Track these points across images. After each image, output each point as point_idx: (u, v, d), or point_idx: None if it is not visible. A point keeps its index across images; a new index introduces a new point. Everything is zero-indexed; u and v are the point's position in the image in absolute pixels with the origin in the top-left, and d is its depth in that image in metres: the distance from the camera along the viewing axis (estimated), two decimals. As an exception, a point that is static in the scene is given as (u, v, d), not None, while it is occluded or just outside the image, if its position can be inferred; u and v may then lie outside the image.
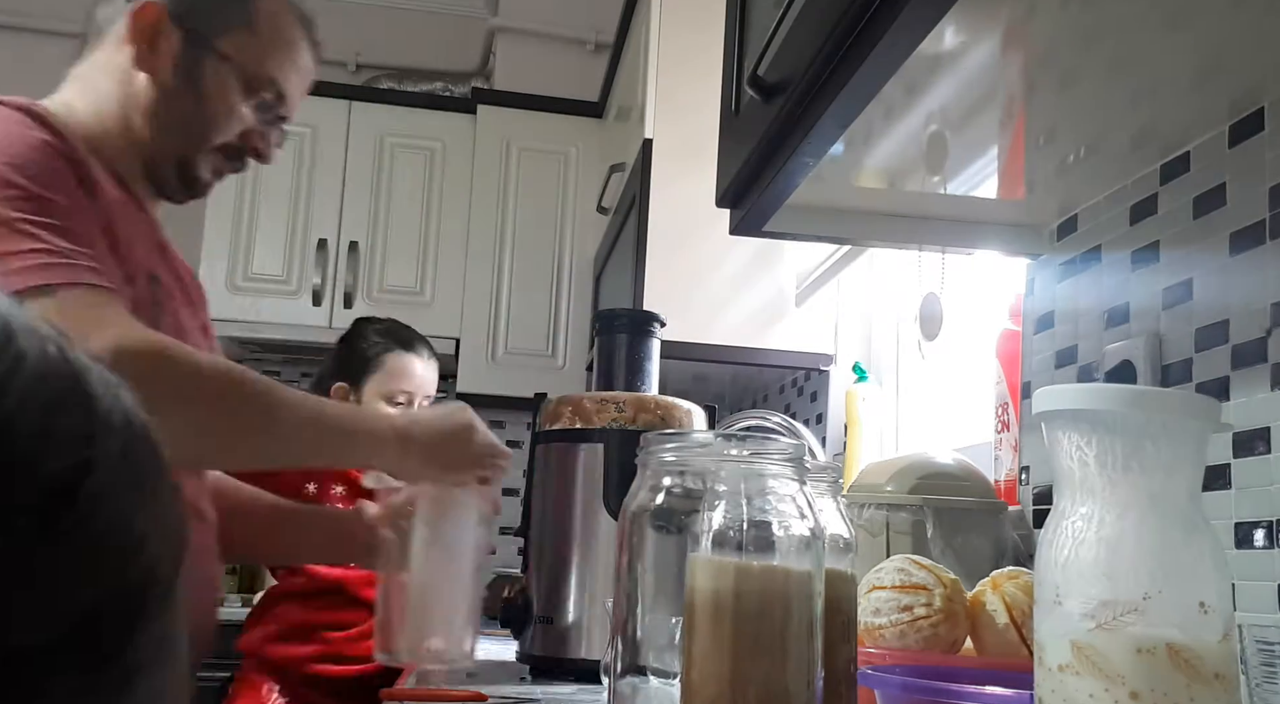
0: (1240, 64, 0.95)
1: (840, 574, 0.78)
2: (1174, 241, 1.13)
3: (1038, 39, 0.94)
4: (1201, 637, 0.55)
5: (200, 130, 1.16)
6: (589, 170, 3.32)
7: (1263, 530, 0.96)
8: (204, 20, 1.15)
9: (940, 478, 1.28)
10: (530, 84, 3.47)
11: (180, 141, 1.16)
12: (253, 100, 1.18)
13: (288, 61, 1.20)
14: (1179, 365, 1.10)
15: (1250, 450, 0.98)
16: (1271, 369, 0.97)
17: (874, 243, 1.57)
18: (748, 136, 1.20)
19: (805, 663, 0.64)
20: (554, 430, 1.43)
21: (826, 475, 0.80)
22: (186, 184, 1.19)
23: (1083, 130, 1.12)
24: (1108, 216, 1.24)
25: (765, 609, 0.63)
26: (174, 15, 1.14)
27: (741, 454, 0.66)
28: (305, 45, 1.22)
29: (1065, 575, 0.58)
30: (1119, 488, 0.57)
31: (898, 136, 1.14)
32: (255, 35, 1.17)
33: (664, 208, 2.30)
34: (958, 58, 0.97)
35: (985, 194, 1.29)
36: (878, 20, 0.85)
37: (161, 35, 1.13)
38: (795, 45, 1.01)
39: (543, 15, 3.66)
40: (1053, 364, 1.34)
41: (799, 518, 0.65)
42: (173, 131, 1.15)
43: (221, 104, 1.16)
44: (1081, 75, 0.99)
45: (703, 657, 0.63)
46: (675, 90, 2.37)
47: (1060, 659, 0.57)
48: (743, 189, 1.30)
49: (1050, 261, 1.36)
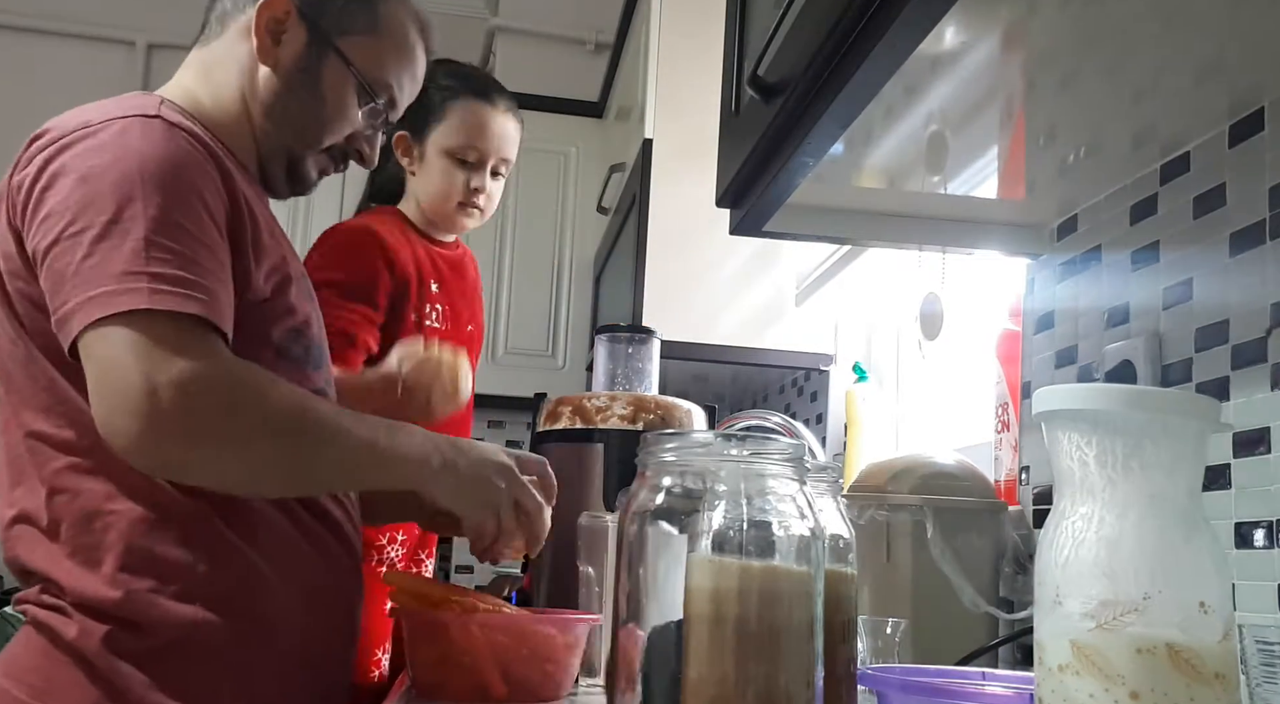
0: (1240, 64, 0.95)
1: (840, 574, 0.78)
2: (1174, 241, 1.13)
3: (1038, 39, 0.94)
4: (1201, 637, 0.55)
5: (314, 129, 1.16)
6: (589, 170, 3.32)
7: (1263, 530, 0.96)
8: (330, 19, 1.15)
9: (940, 478, 1.28)
10: (530, 84, 3.46)
11: (293, 138, 1.16)
12: (367, 105, 1.18)
13: (405, 69, 1.21)
14: (1179, 365, 1.10)
15: (1250, 450, 0.98)
16: (1271, 369, 0.97)
17: (874, 243, 1.57)
18: (748, 136, 1.20)
19: (805, 663, 0.64)
20: (554, 430, 1.43)
21: (826, 475, 0.80)
22: (293, 181, 1.19)
23: (1083, 130, 1.12)
24: (1108, 216, 1.24)
25: (765, 609, 0.63)
26: (301, 11, 1.13)
27: (741, 454, 0.66)
28: (422, 54, 1.23)
29: (1065, 575, 0.58)
30: (1119, 488, 0.57)
31: (898, 136, 1.14)
32: (378, 40, 1.18)
33: (664, 208, 2.30)
34: (958, 58, 0.97)
35: (985, 194, 1.29)
36: (878, 20, 0.85)
37: (287, 30, 1.13)
38: (795, 45, 1.01)
39: (543, 15, 3.66)
40: (1053, 364, 1.34)
41: (799, 518, 0.65)
42: (287, 128, 1.15)
43: (337, 106, 1.16)
44: (1081, 75, 0.99)
45: (702, 657, 0.63)
46: (675, 90, 2.37)
47: (1060, 659, 0.57)
48: (743, 189, 1.30)
49: (1050, 261, 1.36)
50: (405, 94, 1.23)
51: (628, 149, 2.60)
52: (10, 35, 3.94)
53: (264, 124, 1.14)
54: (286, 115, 1.14)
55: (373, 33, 1.17)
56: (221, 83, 1.14)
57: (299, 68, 1.14)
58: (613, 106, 3.10)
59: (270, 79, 1.14)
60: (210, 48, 1.17)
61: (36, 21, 3.95)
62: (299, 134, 1.16)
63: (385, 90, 1.19)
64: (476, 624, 0.98)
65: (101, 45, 3.98)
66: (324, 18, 1.14)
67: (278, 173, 1.18)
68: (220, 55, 1.15)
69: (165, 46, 4.01)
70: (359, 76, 1.16)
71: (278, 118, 1.14)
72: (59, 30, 3.97)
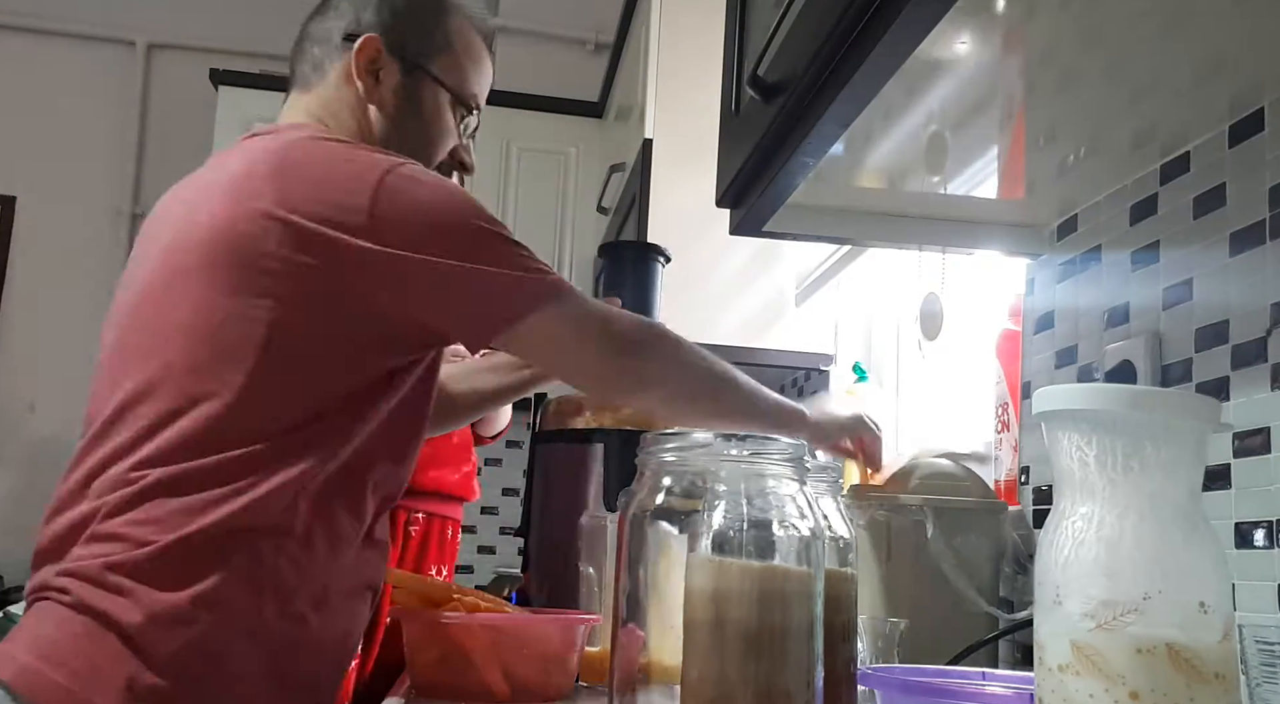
0: (1240, 64, 0.95)
1: (840, 574, 0.78)
2: (1174, 241, 1.13)
3: (1038, 39, 0.94)
4: (1201, 637, 0.55)
5: (426, 153, 1.23)
6: (589, 170, 3.32)
7: (1263, 530, 0.96)
8: (414, 47, 1.21)
9: (940, 478, 1.28)
10: (530, 84, 3.47)
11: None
12: (462, 118, 1.26)
13: (483, 77, 1.28)
14: (1179, 365, 1.10)
15: (1250, 450, 0.98)
16: (1271, 369, 0.97)
17: (874, 243, 1.57)
18: (748, 136, 1.20)
19: (805, 663, 0.64)
20: (554, 430, 1.43)
21: (826, 475, 0.80)
22: None
23: (1083, 130, 1.12)
24: (1108, 216, 1.25)
25: (765, 609, 0.63)
26: (389, 46, 1.20)
27: (741, 454, 0.66)
28: (489, 57, 1.30)
29: (1065, 575, 0.58)
30: (1119, 488, 0.57)
31: (898, 136, 1.14)
32: (455, 56, 1.24)
33: (664, 208, 2.30)
34: (957, 58, 0.97)
35: (985, 194, 1.30)
36: (878, 20, 0.85)
37: (382, 67, 1.20)
38: (795, 45, 1.01)
39: (543, 15, 3.66)
40: (1053, 364, 1.34)
41: (799, 518, 0.65)
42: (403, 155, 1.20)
43: (439, 124, 1.23)
44: (1081, 75, 0.99)
45: (702, 657, 0.63)
46: (675, 90, 2.37)
47: (1060, 659, 0.57)
48: (743, 189, 1.30)
49: (1050, 261, 1.36)
50: (484, 97, 1.30)
51: (628, 149, 2.60)
52: (10, 35, 3.94)
53: None
54: (403, 144, 1.20)
55: (449, 50, 1.24)
56: (341, 125, 1.20)
57: (401, 99, 1.21)
58: (613, 106, 3.10)
59: (380, 116, 1.20)
60: (315, 93, 1.22)
61: (36, 21, 3.95)
62: (414, 157, 1.20)
63: (473, 98, 1.27)
64: (477, 624, 0.98)
65: (101, 45, 3.98)
66: (409, 47, 1.21)
67: None
68: (329, 99, 1.21)
69: (165, 46, 4.01)
70: (452, 92, 1.23)
71: (395, 147, 1.19)
72: (59, 30, 3.97)
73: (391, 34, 1.20)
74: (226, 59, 3.64)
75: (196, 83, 3.53)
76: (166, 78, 3.98)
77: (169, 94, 3.93)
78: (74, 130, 3.90)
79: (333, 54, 1.21)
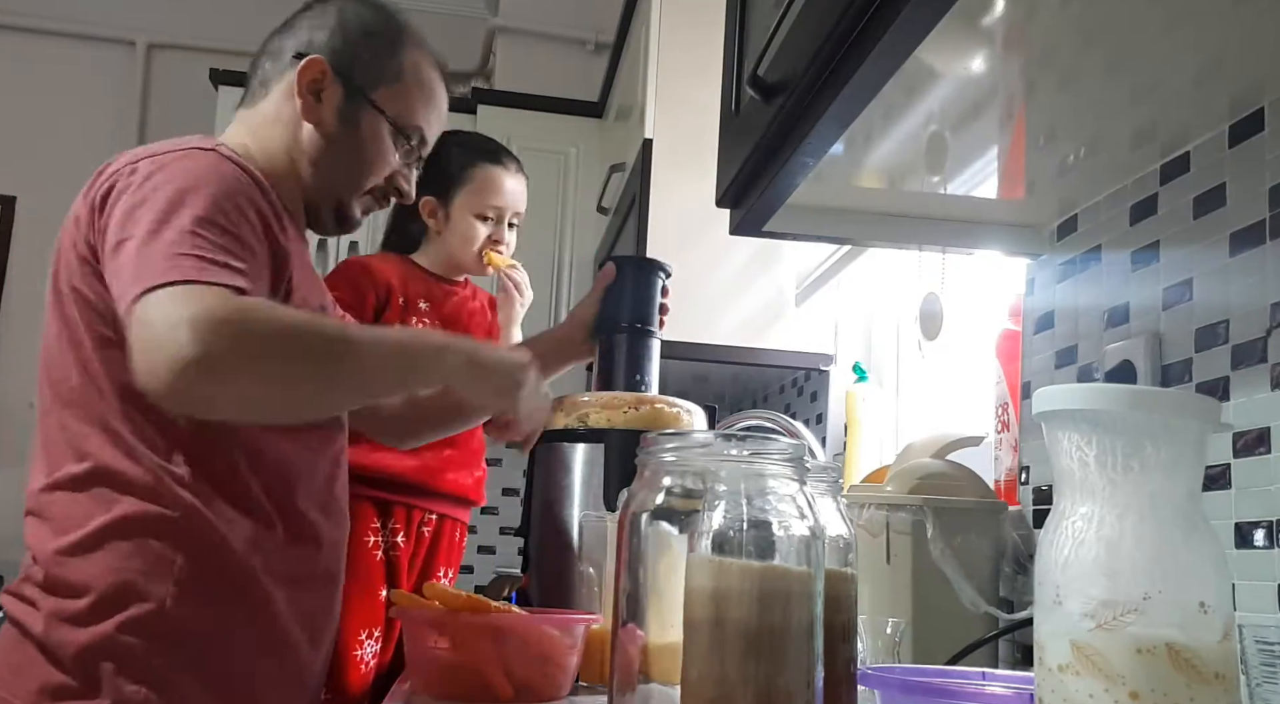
0: (1240, 64, 0.95)
1: (840, 574, 0.78)
2: (1174, 241, 1.13)
3: (1038, 39, 0.94)
4: (1201, 637, 0.55)
5: (358, 175, 1.27)
6: (589, 170, 3.31)
7: (1263, 530, 0.96)
8: (362, 74, 1.25)
9: (940, 478, 1.28)
10: (530, 84, 3.47)
11: (339, 185, 1.26)
12: (402, 147, 1.28)
13: (432, 110, 1.32)
14: (1179, 365, 1.10)
15: (1250, 450, 0.98)
16: (1271, 369, 0.97)
17: (874, 243, 1.57)
18: (748, 136, 1.20)
19: (805, 663, 0.64)
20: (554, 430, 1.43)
21: (826, 475, 0.80)
22: (340, 221, 1.30)
23: (1083, 130, 1.12)
24: (1108, 216, 1.24)
25: (765, 609, 0.63)
26: (336, 69, 1.24)
27: (741, 454, 0.66)
28: (443, 93, 1.34)
29: (1065, 575, 0.58)
30: (1119, 488, 0.57)
31: (898, 136, 1.14)
32: (405, 88, 1.28)
33: (664, 208, 2.30)
34: (958, 59, 0.97)
35: (985, 194, 1.29)
36: (878, 20, 0.85)
37: (325, 88, 1.23)
38: (795, 45, 1.01)
39: (543, 15, 3.66)
40: (1053, 364, 1.34)
41: (799, 518, 0.65)
42: (333, 176, 1.26)
43: (376, 151, 1.27)
44: (1081, 75, 0.99)
45: (702, 657, 0.63)
46: (675, 90, 2.37)
47: (1060, 659, 0.57)
48: (743, 189, 1.30)
49: (1050, 261, 1.36)
50: (434, 131, 1.33)
51: (628, 149, 2.60)
52: (10, 35, 3.94)
53: (312, 173, 1.24)
54: (333, 165, 1.25)
55: (399, 81, 1.27)
56: (267, 137, 1.24)
57: (339, 121, 1.24)
58: (613, 106, 3.10)
59: (314, 134, 1.24)
60: (256, 108, 1.27)
61: (36, 21, 3.95)
62: (345, 180, 1.27)
63: (416, 131, 1.30)
64: (478, 624, 0.98)
65: (101, 45, 3.98)
66: (356, 73, 1.25)
67: (326, 215, 1.28)
68: (266, 115, 1.25)
69: (165, 46, 4.01)
70: (392, 122, 1.26)
71: (325, 168, 1.25)
72: (59, 30, 3.97)
73: (340, 58, 1.24)
74: (226, 59, 3.64)
75: (196, 83, 3.53)
76: (166, 78, 3.98)
77: (169, 94, 3.93)
78: (74, 130, 3.89)
79: (281, 71, 1.25)
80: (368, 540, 1.83)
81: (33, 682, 1.01)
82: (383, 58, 1.27)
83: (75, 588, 1.02)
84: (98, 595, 1.02)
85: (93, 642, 1.01)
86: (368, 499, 1.83)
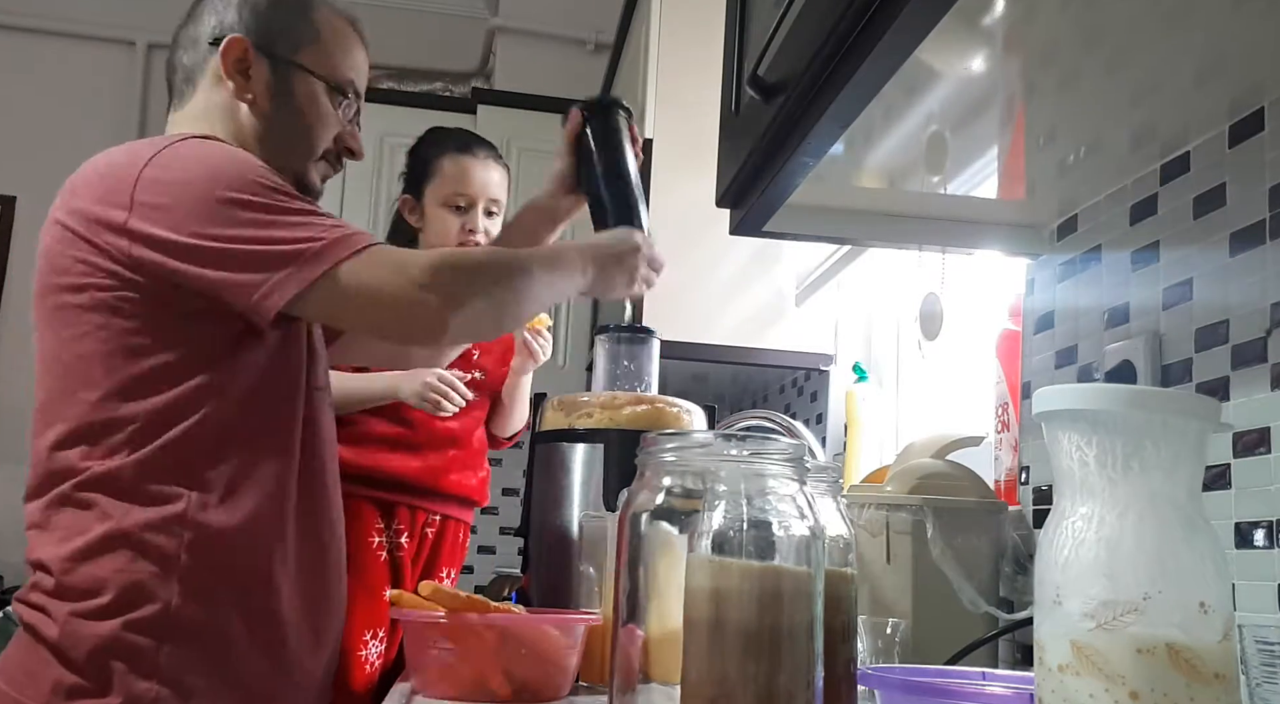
0: (1240, 64, 0.95)
1: (840, 574, 0.78)
2: (1174, 241, 1.13)
3: (1038, 39, 0.94)
4: (1201, 637, 0.55)
5: (306, 143, 1.26)
6: (589, 170, 3.31)
7: (1263, 530, 0.96)
8: (281, 42, 1.24)
9: (940, 478, 1.28)
10: (530, 84, 3.47)
11: (291, 156, 1.25)
12: (340, 104, 1.28)
13: (355, 63, 1.32)
14: (1179, 365, 1.10)
15: (1250, 450, 0.98)
16: (1271, 369, 0.97)
17: (874, 243, 1.57)
18: (748, 136, 1.20)
19: (805, 663, 0.64)
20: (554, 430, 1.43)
21: (826, 475, 0.80)
22: (302, 192, 1.27)
23: (1083, 130, 1.12)
24: (1108, 216, 1.24)
25: (765, 609, 0.63)
26: (256, 45, 1.23)
27: (741, 454, 0.66)
28: (361, 45, 1.34)
29: (1065, 575, 0.58)
30: (1119, 488, 0.57)
31: (898, 136, 1.14)
32: (324, 45, 1.27)
33: (664, 208, 2.30)
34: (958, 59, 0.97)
35: (985, 194, 1.29)
36: (878, 20, 0.85)
37: (251, 65, 1.22)
38: (795, 45, 1.01)
39: (543, 15, 3.66)
40: (1053, 364, 1.34)
41: (799, 518, 0.65)
42: (283, 149, 1.25)
43: (316, 115, 1.26)
44: (1081, 75, 0.99)
45: (702, 657, 0.63)
46: (675, 90, 2.37)
47: (1060, 659, 0.57)
48: (743, 189, 1.30)
49: (1050, 261, 1.36)
50: (363, 81, 1.34)
51: (628, 149, 2.60)
52: (10, 35, 3.94)
53: (261, 152, 1.22)
54: (278, 138, 1.24)
55: (318, 40, 1.27)
56: (209, 131, 1.22)
57: (273, 94, 1.23)
58: (613, 107, 3.09)
59: (251, 113, 1.23)
60: (187, 107, 1.26)
61: (36, 21, 3.95)
62: (295, 150, 1.26)
63: (349, 85, 1.29)
64: (478, 624, 0.98)
65: (101, 45, 3.98)
66: (276, 43, 1.24)
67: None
68: (200, 108, 1.25)
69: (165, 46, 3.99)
70: (325, 81, 1.26)
71: (273, 143, 1.24)
72: (59, 30, 3.97)
73: (257, 32, 1.23)
74: (226, 59, 3.64)
75: (196, 83, 3.53)
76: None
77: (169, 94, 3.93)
78: (74, 130, 3.89)
79: (201, 60, 1.24)
80: (372, 541, 1.83)
81: (45, 683, 1.02)
82: (296, 21, 1.26)
83: (88, 590, 1.04)
84: (111, 596, 1.03)
85: (103, 642, 1.02)
86: (372, 500, 1.83)
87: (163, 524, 1.05)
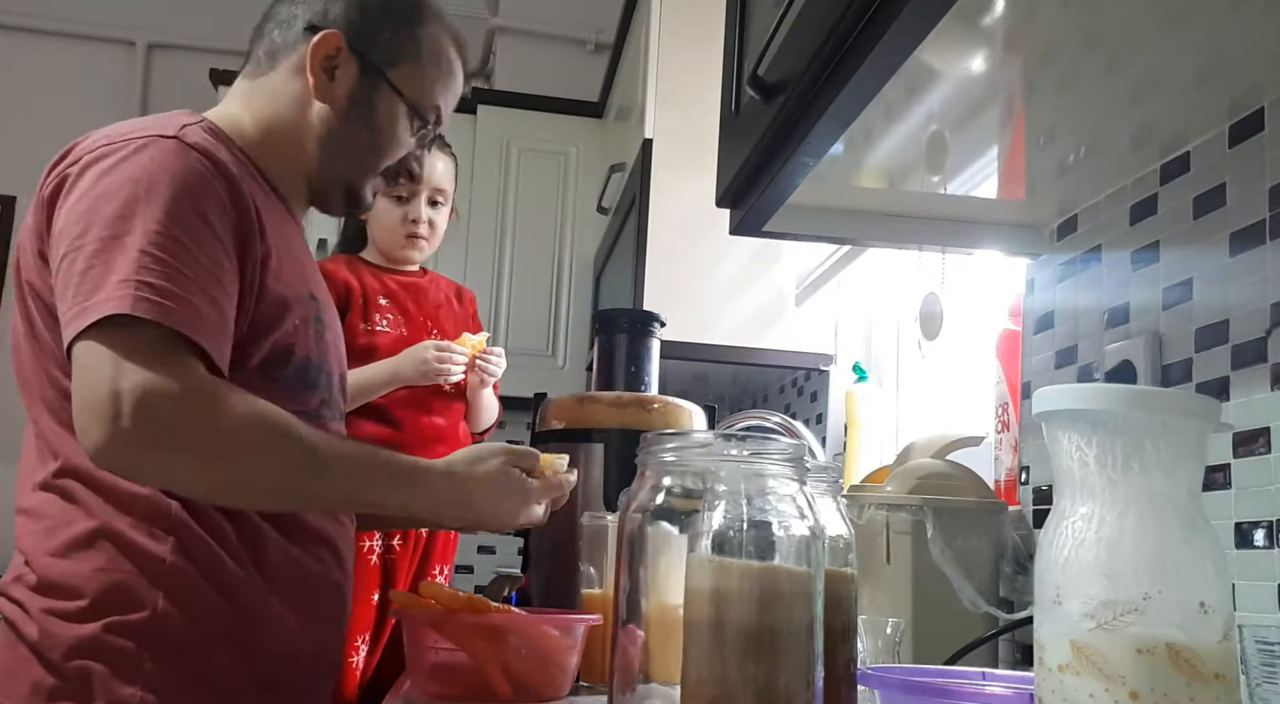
0: (1240, 64, 0.95)
1: (840, 574, 0.78)
2: (1174, 241, 1.13)
3: (1038, 39, 0.94)
4: (1201, 637, 0.55)
5: (371, 159, 1.20)
6: (589, 170, 3.32)
7: (1263, 530, 0.96)
8: (379, 52, 1.18)
9: (940, 478, 1.28)
10: (530, 84, 3.47)
11: (350, 168, 1.20)
12: (419, 129, 1.22)
13: (449, 89, 1.25)
14: (1179, 365, 1.10)
15: (1250, 450, 0.98)
16: (1271, 369, 0.97)
17: (874, 243, 1.57)
18: (748, 136, 1.20)
19: (805, 663, 0.64)
20: (554, 430, 1.43)
21: (826, 475, 0.80)
22: (350, 203, 1.23)
23: (1083, 130, 1.12)
24: (1108, 216, 1.24)
25: (765, 609, 0.63)
26: (351, 46, 1.16)
27: (741, 454, 0.66)
28: (461, 70, 1.26)
29: (1065, 575, 0.57)
30: (1119, 488, 0.57)
31: (898, 136, 1.14)
32: (422, 66, 1.21)
33: (664, 208, 2.30)
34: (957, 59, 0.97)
35: (985, 194, 1.29)
36: (878, 20, 0.85)
37: (339, 66, 1.16)
38: (795, 45, 1.01)
39: (543, 15, 3.66)
40: (1053, 364, 1.34)
41: (799, 518, 0.65)
42: (344, 158, 1.19)
43: (391, 134, 1.20)
44: (1081, 75, 0.99)
45: (702, 657, 0.63)
46: (675, 90, 2.37)
47: (1060, 659, 0.57)
48: (743, 189, 1.30)
49: (1050, 261, 1.36)
50: (449, 110, 1.27)
51: (628, 149, 2.60)
52: (10, 35, 3.94)
53: (320, 155, 1.17)
54: (344, 148, 1.18)
55: (418, 60, 1.20)
56: (270, 113, 1.17)
57: (354, 101, 1.17)
58: (613, 107, 3.10)
59: (326, 113, 1.17)
60: (259, 82, 1.19)
61: (36, 21, 3.95)
62: (357, 163, 1.20)
63: (434, 112, 1.23)
64: (477, 624, 0.98)
65: (101, 45, 3.98)
66: (373, 50, 1.17)
67: (334, 197, 1.22)
68: (271, 89, 1.18)
69: (165, 46, 4.01)
70: (410, 104, 1.19)
71: (335, 149, 1.17)
72: (59, 30, 3.97)
73: (357, 33, 1.16)
74: (226, 59, 3.64)
75: (196, 83, 3.53)
76: (166, 78, 3.98)
77: (169, 94, 3.93)
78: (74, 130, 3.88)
79: (291, 43, 1.17)
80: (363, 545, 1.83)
81: (25, 683, 0.99)
82: (402, 34, 1.18)
83: (68, 590, 1.00)
84: (90, 598, 1.00)
85: (83, 643, 0.99)
86: None
87: (147, 523, 1.02)
